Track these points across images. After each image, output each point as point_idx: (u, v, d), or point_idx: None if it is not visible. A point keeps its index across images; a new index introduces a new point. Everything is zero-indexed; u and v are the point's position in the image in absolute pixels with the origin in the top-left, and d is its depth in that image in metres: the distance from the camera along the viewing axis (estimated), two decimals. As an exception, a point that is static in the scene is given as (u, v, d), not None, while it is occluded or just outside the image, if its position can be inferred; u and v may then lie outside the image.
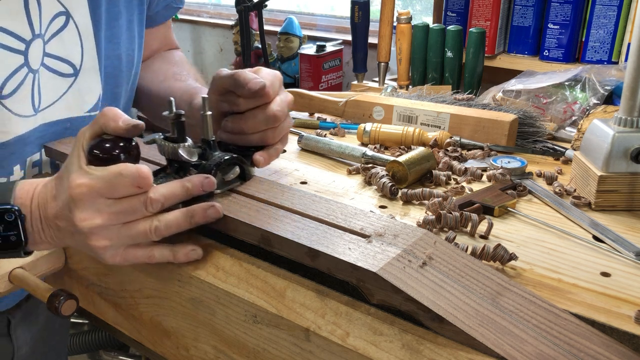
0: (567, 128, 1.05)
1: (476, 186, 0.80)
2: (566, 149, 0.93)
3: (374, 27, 1.54)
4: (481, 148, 0.92)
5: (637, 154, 0.70)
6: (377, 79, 1.49)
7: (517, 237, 0.67)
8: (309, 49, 1.83)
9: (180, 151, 0.61)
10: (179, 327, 0.65)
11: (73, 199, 0.55)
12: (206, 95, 0.63)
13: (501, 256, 0.59)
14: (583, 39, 1.36)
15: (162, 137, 0.62)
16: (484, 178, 0.83)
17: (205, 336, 0.63)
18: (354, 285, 0.52)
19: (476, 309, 0.49)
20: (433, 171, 0.82)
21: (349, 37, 1.63)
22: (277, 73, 0.70)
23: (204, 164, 0.63)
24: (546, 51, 1.39)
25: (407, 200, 0.76)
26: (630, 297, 0.55)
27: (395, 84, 1.44)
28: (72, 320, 1.25)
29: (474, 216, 0.67)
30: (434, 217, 0.69)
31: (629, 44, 1.24)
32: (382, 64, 1.46)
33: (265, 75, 0.68)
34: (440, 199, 0.72)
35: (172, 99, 0.62)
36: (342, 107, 1.10)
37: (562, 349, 0.46)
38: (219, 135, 0.72)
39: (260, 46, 1.97)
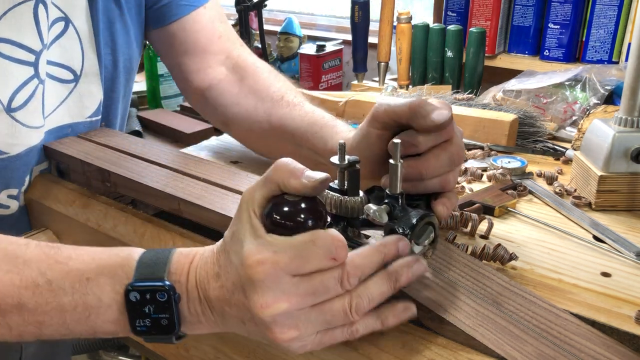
0: (567, 128, 1.05)
1: (476, 186, 0.80)
2: (566, 149, 0.93)
3: (374, 27, 1.54)
4: (481, 148, 0.92)
5: (638, 154, 0.70)
6: (377, 79, 1.49)
7: (517, 237, 0.67)
8: (309, 49, 1.83)
9: (373, 212, 0.49)
10: (179, 327, 0.65)
11: (252, 280, 0.43)
12: (399, 141, 0.49)
13: (501, 256, 0.59)
14: (583, 39, 1.36)
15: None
16: (484, 178, 0.83)
17: (205, 336, 0.63)
18: (354, 285, 0.52)
19: (476, 309, 0.49)
20: (433, 171, 0.82)
21: (349, 37, 1.63)
22: (446, 102, 0.55)
23: (394, 225, 0.49)
24: (546, 51, 1.39)
25: (407, 200, 0.76)
26: (631, 297, 0.55)
27: (395, 83, 1.44)
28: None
29: (474, 216, 0.67)
30: (434, 217, 0.68)
31: (629, 44, 1.24)
32: (382, 63, 1.46)
33: (440, 106, 0.55)
34: (440, 199, 0.72)
35: (343, 142, 0.50)
36: (342, 107, 1.10)
37: (563, 349, 0.46)
38: (382, 183, 0.56)
39: (260, 46, 1.97)
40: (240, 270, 0.44)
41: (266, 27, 1.97)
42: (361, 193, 0.51)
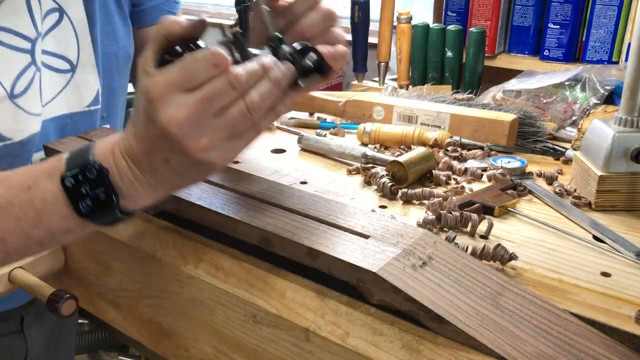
0: (567, 128, 1.05)
1: (476, 186, 0.80)
2: (566, 148, 0.93)
3: (374, 27, 1.54)
4: (481, 148, 0.92)
5: (637, 154, 0.70)
6: (377, 79, 1.49)
7: (517, 237, 0.67)
8: (309, 49, 1.83)
9: (252, 50, 0.54)
10: (179, 327, 0.65)
11: (151, 102, 0.48)
12: None
13: (501, 256, 0.59)
14: (583, 39, 1.36)
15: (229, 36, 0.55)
16: (484, 178, 0.83)
17: (205, 336, 0.63)
18: (354, 285, 0.52)
19: (476, 309, 0.49)
20: (433, 171, 0.82)
21: (349, 37, 1.62)
22: None
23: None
24: (546, 51, 1.39)
25: (407, 200, 0.76)
26: (631, 297, 0.55)
27: (395, 84, 1.44)
28: (72, 320, 1.26)
29: (474, 216, 0.67)
30: (434, 217, 0.68)
31: (629, 44, 1.24)
32: (382, 64, 1.46)
33: None
34: (440, 199, 0.72)
35: (222, 40, 0.56)
36: (342, 107, 1.10)
37: (562, 349, 0.46)
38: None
39: (260, 46, 1.97)
40: (143, 103, 0.49)
41: (266, 27, 1.97)
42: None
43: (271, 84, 0.51)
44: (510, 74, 1.33)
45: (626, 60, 1.21)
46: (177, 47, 0.52)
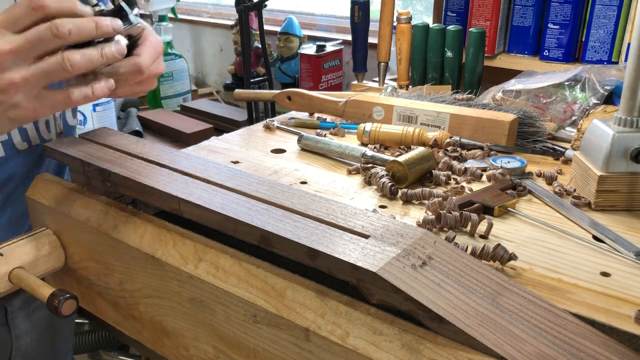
0: (567, 128, 1.05)
1: (476, 186, 0.80)
2: (566, 149, 0.93)
3: (374, 27, 1.54)
4: (481, 148, 0.92)
5: (637, 153, 0.71)
6: (377, 79, 1.49)
7: (517, 237, 0.67)
8: (309, 49, 1.83)
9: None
10: (179, 327, 0.65)
11: None
12: None
13: (501, 256, 0.60)
14: (583, 39, 1.36)
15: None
16: (484, 178, 0.83)
17: (205, 336, 0.63)
18: (354, 285, 0.52)
19: (476, 309, 0.49)
20: (433, 171, 0.82)
21: (349, 37, 1.63)
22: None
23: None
24: (546, 51, 1.39)
25: (407, 200, 0.76)
26: (630, 297, 0.55)
27: (395, 84, 1.44)
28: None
29: (474, 216, 0.67)
30: (433, 217, 0.69)
31: (629, 44, 1.24)
32: (382, 64, 1.46)
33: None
34: (440, 198, 0.72)
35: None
36: (342, 107, 1.10)
37: (562, 349, 0.46)
38: None
39: (260, 46, 1.97)
40: None
41: (266, 27, 1.97)
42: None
43: (96, 50, 0.58)
44: (510, 74, 1.33)
45: (626, 60, 1.21)
46: None
